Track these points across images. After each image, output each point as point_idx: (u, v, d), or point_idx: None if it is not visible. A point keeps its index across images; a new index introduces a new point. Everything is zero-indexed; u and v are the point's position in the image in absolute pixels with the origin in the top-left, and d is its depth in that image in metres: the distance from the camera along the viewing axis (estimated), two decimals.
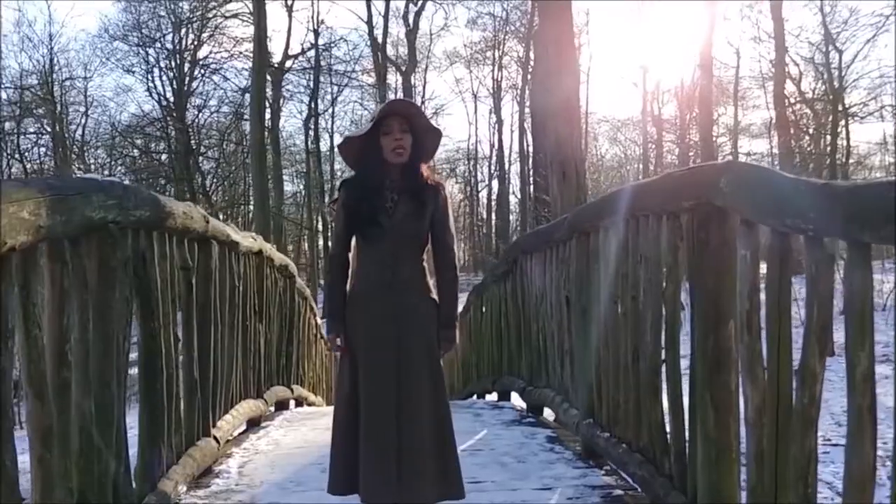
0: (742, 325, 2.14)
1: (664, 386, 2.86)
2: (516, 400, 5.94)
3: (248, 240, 4.54)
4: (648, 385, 2.96)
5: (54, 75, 28.06)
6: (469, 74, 33.42)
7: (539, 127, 20.67)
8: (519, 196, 33.18)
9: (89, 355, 2.21)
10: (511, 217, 35.13)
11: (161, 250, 3.09)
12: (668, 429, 2.83)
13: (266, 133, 22.92)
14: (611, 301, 3.40)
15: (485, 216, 37.17)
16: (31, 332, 1.88)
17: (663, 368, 2.86)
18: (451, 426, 2.80)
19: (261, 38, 17.96)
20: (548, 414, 5.09)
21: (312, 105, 27.95)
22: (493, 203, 35.44)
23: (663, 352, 2.85)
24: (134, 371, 2.86)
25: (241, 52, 27.33)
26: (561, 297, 4.23)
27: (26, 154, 28.87)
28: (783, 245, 1.93)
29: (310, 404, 7.40)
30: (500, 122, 32.85)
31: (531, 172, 28.29)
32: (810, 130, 23.37)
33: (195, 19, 27.77)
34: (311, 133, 28.45)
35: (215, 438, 3.70)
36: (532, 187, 26.97)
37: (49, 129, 28.56)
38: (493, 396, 6.82)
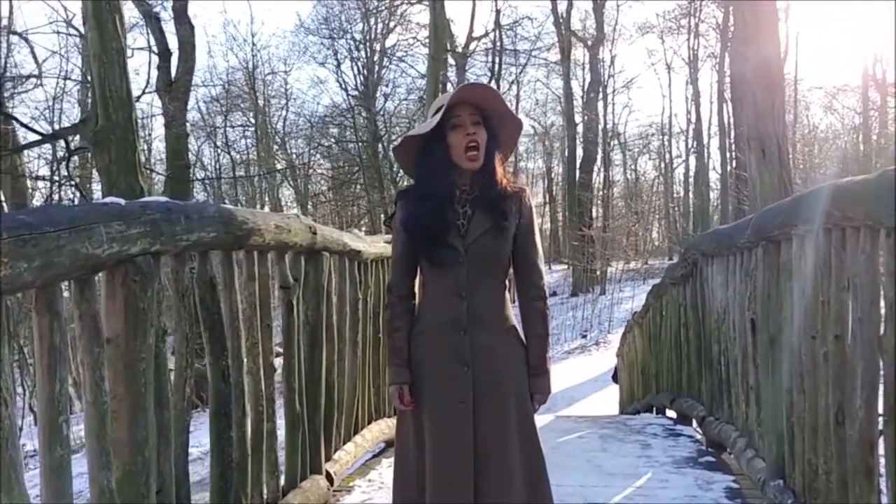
0: None
1: (882, 466, 2.04)
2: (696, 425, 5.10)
3: (379, 245, 4.08)
4: (859, 461, 2.14)
5: (256, 71, 29.78)
6: (662, 45, 31.59)
7: (738, 98, 18.94)
8: (719, 172, 30.87)
9: (106, 420, 1.81)
10: (711, 195, 32.85)
11: (249, 271, 2.70)
12: None
13: None
14: (807, 335, 2.57)
15: (681, 194, 35.07)
16: None
17: (881, 442, 2.04)
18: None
19: (437, 23, 17.70)
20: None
21: (495, 86, 27.49)
22: (691, 181, 33.28)
23: (881, 421, 2.02)
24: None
25: (426, 38, 27.43)
26: (745, 319, 3.40)
27: (233, 146, 31.00)
28: None
29: None
30: (697, 93, 30.60)
31: (733, 147, 26.21)
32: None
33: (382, 8, 28.23)
34: None
35: (328, 475, 3.29)
36: (734, 164, 24.92)
37: (253, 122, 30.39)
38: (671, 412, 5.99)
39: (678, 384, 5.60)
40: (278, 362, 2.94)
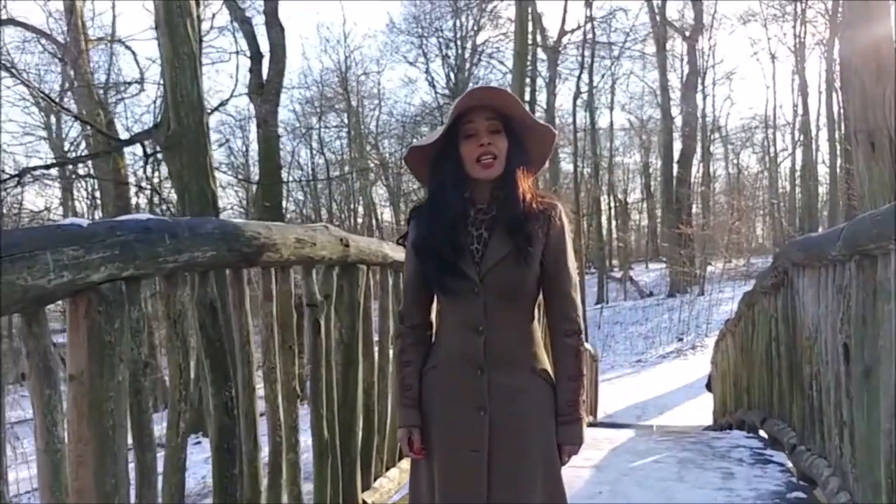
0: None
1: None
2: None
3: None
4: None
5: (349, 72, 30.09)
6: (765, 33, 30.10)
7: (846, 87, 17.71)
8: (828, 166, 29.11)
9: (60, 470, 1.60)
10: (820, 190, 31.14)
11: (266, 290, 2.49)
12: None
13: (541, 112, 22.35)
14: None
15: (787, 189, 33.39)
16: None
17: None
18: None
19: (522, 18, 17.32)
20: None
21: (587, 80, 26.80)
22: (797, 175, 31.61)
23: None
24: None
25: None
26: (837, 342, 2.95)
27: (328, 146, 31.49)
28: None
29: None
30: (804, 83, 29.02)
31: (843, 139, 24.68)
32: None
33: (473, 5, 28.00)
34: (583, 110, 27.40)
35: None
36: (843, 158, 23.44)
37: (346, 122, 30.74)
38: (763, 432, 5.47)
39: (769, 403, 5.10)
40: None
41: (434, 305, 2.03)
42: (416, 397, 1.94)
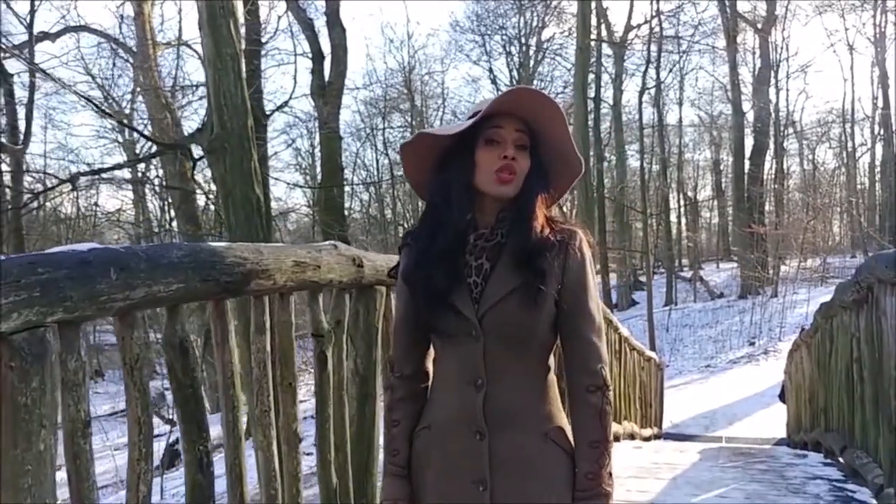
0: None
1: None
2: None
3: None
4: None
5: (413, 73, 29.91)
6: (843, 23, 28.72)
7: None
8: None
9: None
10: None
11: (256, 320, 2.18)
12: None
13: (607, 109, 21.71)
14: None
15: (866, 185, 31.85)
16: None
17: None
18: None
19: (584, 12, 16.76)
20: None
21: (654, 75, 26.00)
22: (877, 171, 30.08)
23: None
24: None
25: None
26: None
27: (393, 146, 31.36)
28: None
29: (644, 439, 8.00)
30: (884, 75, 27.55)
31: None
32: None
33: (537, 2, 27.47)
34: (650, 106, 26.59)
35: None
36: None
37: (410, 122, 30.58)
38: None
39: (850, 429, 4.58)
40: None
41: (431, 352, 1.67)
42: (404, 465, 1.60)
